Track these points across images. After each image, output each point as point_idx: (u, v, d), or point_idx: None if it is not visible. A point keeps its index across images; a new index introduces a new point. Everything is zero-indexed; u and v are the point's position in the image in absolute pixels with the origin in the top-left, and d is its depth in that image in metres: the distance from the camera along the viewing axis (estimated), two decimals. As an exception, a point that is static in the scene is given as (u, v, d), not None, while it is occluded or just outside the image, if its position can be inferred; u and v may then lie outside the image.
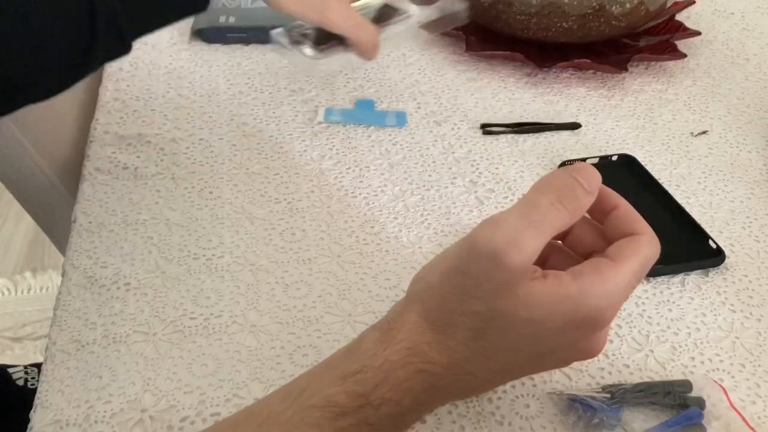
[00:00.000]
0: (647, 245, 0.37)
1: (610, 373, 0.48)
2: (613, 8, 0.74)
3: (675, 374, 0.48)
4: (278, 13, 0.61)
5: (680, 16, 0.86)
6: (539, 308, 0.35)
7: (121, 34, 0.49)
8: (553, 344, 0.37)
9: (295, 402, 0.36)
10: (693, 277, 0.55)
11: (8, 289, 1.67)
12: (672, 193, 0.62)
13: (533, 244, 0.34)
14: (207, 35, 0.84)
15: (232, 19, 0.85)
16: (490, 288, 0.35)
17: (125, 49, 0.51)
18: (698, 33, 0.83)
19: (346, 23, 0.60)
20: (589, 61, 0.76)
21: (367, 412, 0.35)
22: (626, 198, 0.40)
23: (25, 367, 0.83)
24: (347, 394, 0.36)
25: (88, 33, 0.46)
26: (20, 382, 0.48)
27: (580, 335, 0.37)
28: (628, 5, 0.75)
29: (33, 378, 0.80)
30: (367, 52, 0.62)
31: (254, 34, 0.84)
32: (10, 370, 0.80)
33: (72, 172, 0.74)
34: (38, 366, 0.81)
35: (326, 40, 0.62)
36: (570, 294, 0.35)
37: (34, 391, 0.46)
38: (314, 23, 0.61)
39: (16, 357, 1.50)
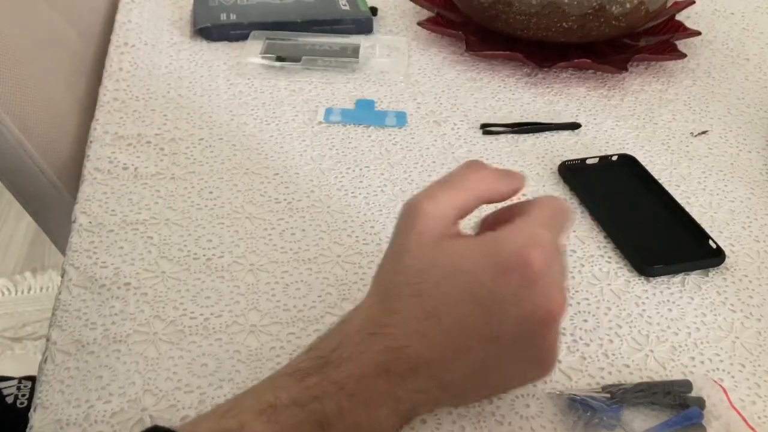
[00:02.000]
0: (547, 199, 0.43)
1: (609, 373, 0.48)
2: (613, 8, 0.74)
3: (675, 374, 0.48)
4: (277, 8, 0.58)
5: (680, 16, 0.86)
6: (461, 256, 0.39)
7: None
8: (492, 299, 0.38)
9: (267, 378, 0.40)
10: (693, 277, 0.55)
11: (8, 289, 1.67)
12: (672, 193, 0.62)
13: (446, 197, 0.41)
14: (209, 33, 0.84)
15: (233, 16, 0.85)
16: (414, 239, 0.40)
17: None
18: (698, 33, 0.83)
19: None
20: (589, 61, 0.76)
21: (329, 370, 0.38)
22: (626, 198, 0.42)
23: (20, 381, 0.81)
24: (310, 359, 0.39)
25: None
26: (9, 399, 0.47)
27: (515, 286, 0.38)
28: (628, 5, 0.75)
29: (24, 396, 0.79)
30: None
31: (256, 30, 0.84)
32: (2, 384, 0.79)
33: (72, 172, 0.74)
34: (33, 379, 0.80)
35: None
36: (486, 240, 0.40)
37: (22, 410, 0.45)
38: None
39: (16, 357, 1.50)
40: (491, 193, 0.43)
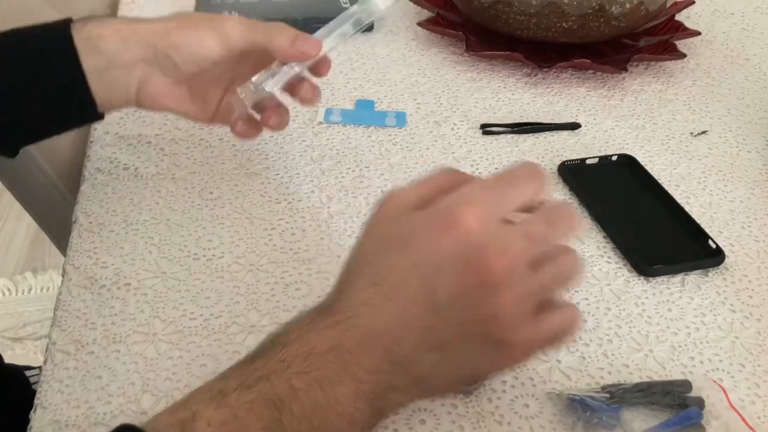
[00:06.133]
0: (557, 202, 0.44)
1: (609, 372, 0.48)
2: (613, 8, 0.74)
3: (674, 374, 0.48)
4: (278, 6, 0.59)
5: (680, 16, 0.86)
6: (409, 226, 0.40)
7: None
8: (427, 262, 0.38)
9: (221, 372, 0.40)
10: (693, 277, 0.55)
11: (9, 289, 1.67)
12: (672, 193, 0.62)
13: (413, 187, 0.42)
14: None
15: (234, 14, 0.85)
16: (373, 222, 0.42)
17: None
18: (698, 33, 0.83)
19: (248, 34, 0.54)
20: (589, 61, 0.76)
21: (275, 351, 0.38)
22: (626, 198, 0.41)
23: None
24: (258, 346, 0.39)
25: None
26: (36, 387, 0.48)
27: (448, 245, 0.38)
28: (627, 5, 0.75)
29: None
30: (292, 53, 0.54)
31: None
32: (29, 373, 0.79)
33: (72, 173, 0.74)
34: None
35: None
36: (430, 207, 0.40)
37: None
38: (211, 55, 0.54)
39: (17, 357, 1.50)
40: (453, 183, 0.41)
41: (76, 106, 0.55)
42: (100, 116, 0.57)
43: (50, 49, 0.54)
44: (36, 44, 0.54)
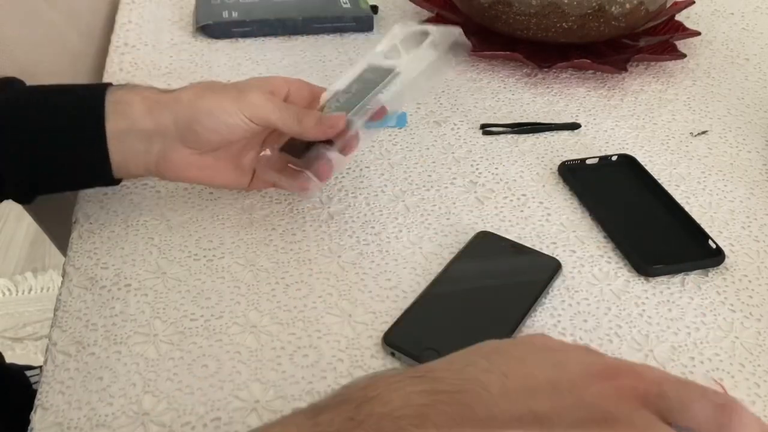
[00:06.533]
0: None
1: (610, 373, 0.48)
2: (613, 8, 0.74)
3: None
4: (278, 6, 0.60)
5: (680, 16, 0.86)
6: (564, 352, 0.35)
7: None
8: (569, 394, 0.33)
9: (282, 416, 0.35)
10: (693, 277, 0.55)
11: (9, 290, 1.67)
12: (672, 193, 0.62)
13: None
14: (211, 31, 0.85)
15: (235, 14, 0.86)
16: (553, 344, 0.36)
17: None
18: (698, 33, 0.83)
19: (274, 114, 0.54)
20: (588, 61, 0.76)
21: (347, 407, 0.32)
22: (626, 198, 0.40)
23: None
24: (330, 398, 0.34)
25: None
26: (36, 387, 0.48)
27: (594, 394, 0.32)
28: (627, 5, 0.75)
29: None
30: (318, 132, 0.54)
31: (258, 27, 0.85)
32: (29, 373, 0.79)
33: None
34: None
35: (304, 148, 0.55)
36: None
37: None
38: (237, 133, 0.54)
39: (17, 357, 1.50)
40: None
41: (92, 164, 0.55)
42: (115, 181, 0.57)
43: (82, 107, 0.54)
44: (72, 101, 0.55)
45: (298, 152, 0.55)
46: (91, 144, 0.54)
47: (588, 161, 0.66)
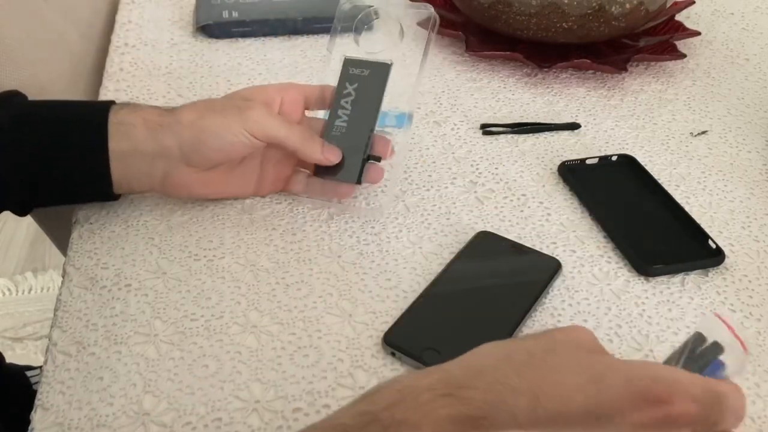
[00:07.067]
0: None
1: (610, 373, 0.48)
2: (613, 8, 0.74)
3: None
4: (278, 6, 0.60)
5: (680, 17, 0.86)
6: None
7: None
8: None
9: (306, 428, 0.34)
10: (693, 277, 0.55)
11: (9, 290, 1.67)
12: (672, 193, 0.62)
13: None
14: (211, 31, 0.85)
15: (235, 14, 0.86)
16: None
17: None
18: (698, 33, 0.83)
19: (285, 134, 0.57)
20: (588, 61, 0.76)
21: (373, 430, 0.31)
22: (626, 198, 0.39)
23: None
24: (354, 414, 0.32)
25: None
26: (36, 387, 0.48)
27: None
28: (627, 5, 0.75)
29: None
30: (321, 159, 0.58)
31: (258, 26, 0.85)
32: (29, 373, 0.79)
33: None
34: None
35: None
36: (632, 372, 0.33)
37: None
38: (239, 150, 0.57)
39: (17, 357, 1.50)
40: None
41: (93, 183, 0.56)
42: (114, 197, 0.58)
43: (85, 128, 0.55)
44: (76, 120, 0.56)
45: (332, 172, 0.59)
46: (94, 164, 0.55)
47: (588, 161, 0.66)
